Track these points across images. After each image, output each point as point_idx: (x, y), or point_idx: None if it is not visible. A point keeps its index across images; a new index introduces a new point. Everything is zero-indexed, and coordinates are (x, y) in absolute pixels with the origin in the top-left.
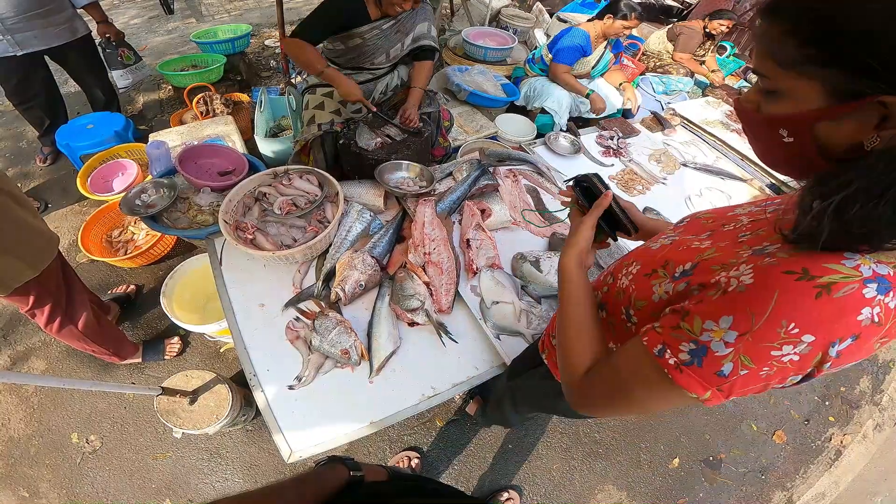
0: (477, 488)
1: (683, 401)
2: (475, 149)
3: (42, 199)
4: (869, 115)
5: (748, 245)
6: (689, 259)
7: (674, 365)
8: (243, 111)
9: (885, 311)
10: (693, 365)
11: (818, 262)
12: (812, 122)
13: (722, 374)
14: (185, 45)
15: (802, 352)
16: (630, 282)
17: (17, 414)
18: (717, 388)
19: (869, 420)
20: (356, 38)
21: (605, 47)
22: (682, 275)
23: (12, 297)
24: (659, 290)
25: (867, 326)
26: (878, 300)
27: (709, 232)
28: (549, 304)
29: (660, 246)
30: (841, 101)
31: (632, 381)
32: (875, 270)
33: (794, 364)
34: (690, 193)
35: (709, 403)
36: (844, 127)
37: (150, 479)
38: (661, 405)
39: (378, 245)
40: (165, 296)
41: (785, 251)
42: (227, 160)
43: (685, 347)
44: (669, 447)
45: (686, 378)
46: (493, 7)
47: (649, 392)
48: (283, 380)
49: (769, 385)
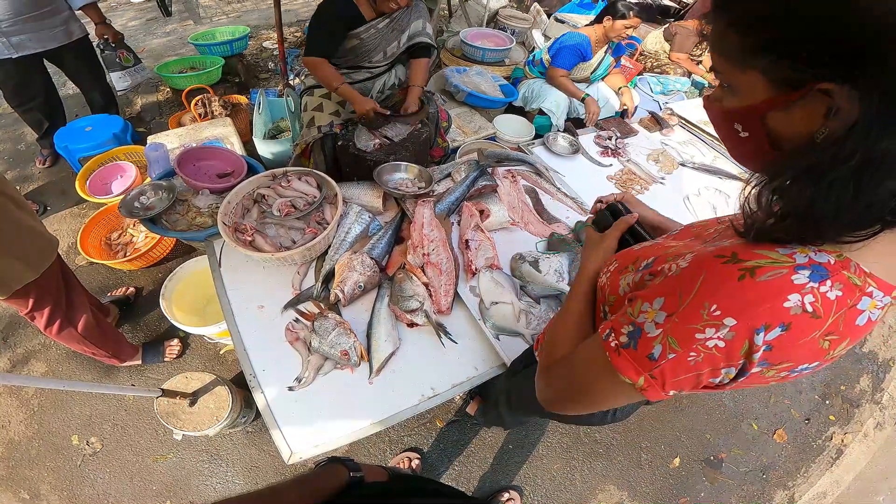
0: (478, 489)
1: (624, 390)
2: (474, 150)
3: (41, 202)
4: (814, 105)
5: (710, 241)
6: (653, 254)
7: (614, 347)
8: (242, 113)
9: (821, 300)
10: (629, 347)
11: (750, 248)
12: (760, 114)
13: (653, 357)
14: (184, 47)
15: (726, 337)
16: (607, 279)
17: (17, 416)
18: (650, 373)
19: (870, 419)
20: (353, 39)
21: (605, 52)
22: (644, 267)
23: (12, 300)
24: (623, 283)
25: (798, 316)
26: (809, 287)
27: (692, 237)
28: (548, 305)
29: (640, 248)
30: (783, 91)
31: (584, 371)
32: (812, 258)
33: (720, 351)
34: (689, 193)
35: (647, 395)
36: (793, 119)
37: (151, 481)
38: (608, 395)
39: (377, 246)
40: (165, 298)
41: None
42: (225, 162)
43: (625, 330)
44: (670, 447)
45: (623, 361)
46: (490, 8)
47: (595, 380)
48: (283, 381)
49: (701, 377)
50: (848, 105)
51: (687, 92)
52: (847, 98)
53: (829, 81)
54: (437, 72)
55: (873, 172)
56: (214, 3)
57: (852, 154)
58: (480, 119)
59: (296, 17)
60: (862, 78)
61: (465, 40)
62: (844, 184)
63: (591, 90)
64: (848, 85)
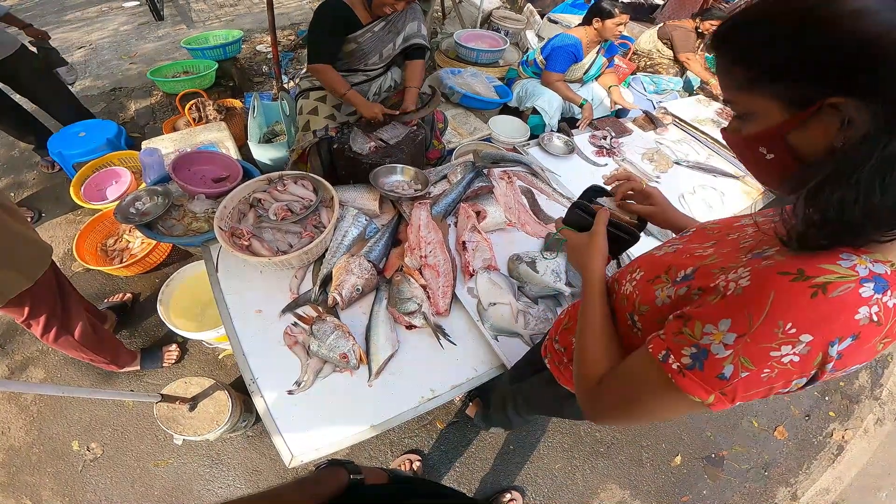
0: (479, 489)
1: (690, 407)
2: (469, 151)
3: (36, 209)
4: (829, 118)
5: (748, 250)
6: (690, 264)
7: (677, 369)
8: (236, 117)
9: (883, 310)
10: (695, 369)
11: (814, 263)
12: (780, 134)
13: (723, 377)
14: (176, 51)
15: (801, 352)
16: (634, 287)
17: (17, 423)
18: (721, 391)
19: (869, 415)
20: (351, 43)
21: (597, 52)
22: (684, 279)
23: (7, 309)
24: (661, 294)
25: (866, 326)
26: (875, 299)
27: (713, 241)
28: (546, 305)
29: (664, 253)
30: (797, 110)
31: (639, 389)
32: (872, 270)
33: (794, 365)
34: (684, 191)
35: (714, 408)
36: (812, 134)
37: (152, 487)
38: (670, 412)
39: (374, 249)
40: (162, 303)
41: (782, 254)
42: (221, 166)
43: (687, 352)
44: (671, 445)
45: (689, 382)
46: (484, 9)
47: (657, 399)
48: (283, 385)
49: (773, 389)
50: (857, 115)
51: (680, 91)
52: (855, 109)
53: (837, 96)
54: (432, 73)
55: (893, 171)
56: (207, 6)
57: (870, 155)
58: (476, 120)
59: (289, 20)
60: (863, 89)
61: (459, 42)
62: (870, 182)
63: (585, 90)
64: (853, 97)
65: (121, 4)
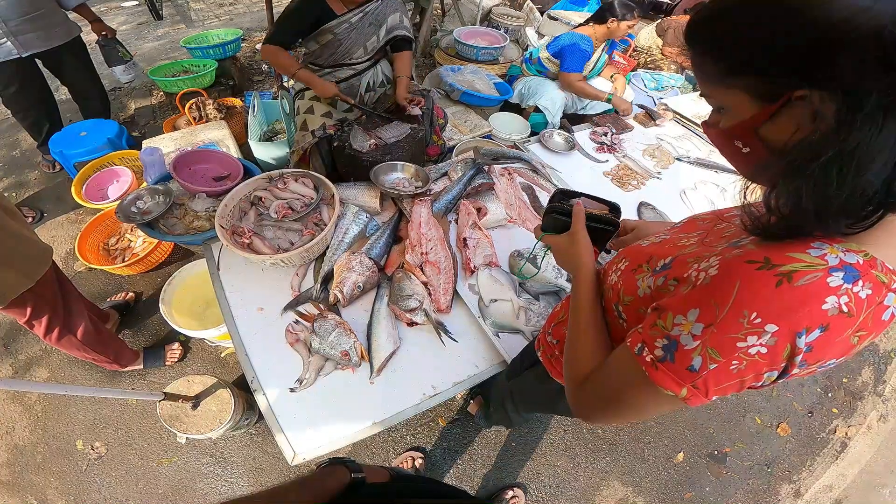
0: (481, 487)
1: (667, 402)
2: (470, 148)
3: (38, 209)
4: (799, 111)
5: (727, 239)
6: (670, 254)
7: (650, 362)
8: (237, 116)
9: (854, 300)
10: (667, 361)
11: (782, 252)
12: (752, 128)
13: (693, 369)
14: (176, 50)
15: (768, 343)
16: (619, 278)
17: (21, 422)
18: (692, 384)
19: (873, 411)
20: (327, 34)
21: (602, 49)
22: (662, 268)
23: (9, 309)
24: (643, 284)
25: (835, 317)
26: (844, 289)
27: (701, 231)
28: (548, 301)
29: (649, 244)
30: (767, 103)
31: (620, 385)
32: (843, 259)
33: (763, 357)
34: (685, 187)
35: (690, 403)
36: (783, 127)
37: (156, 485)
38: (650, 407)
39: (375, 246)
40: (164, 302)
41: (755, 243)
42: (221, 165)
43: (659, 343)
44: (673, 442)
45: (661, 375)
46: (483, 6)
47: (636, 394)
48: (285, 383)
49: (745, 382)
50: (823, 107)
51: (681, 87)
52: (820, 100)
53: (801, 88)
54: (432, 71)
55: (850, 163)
56: (206, 6)
57: (826, 149)
58: (476, 117)
59: None
60: (823, 80)
61: (458, 39)
62: (826, 174)
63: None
64: (816, 88)
65: (120, 4)
